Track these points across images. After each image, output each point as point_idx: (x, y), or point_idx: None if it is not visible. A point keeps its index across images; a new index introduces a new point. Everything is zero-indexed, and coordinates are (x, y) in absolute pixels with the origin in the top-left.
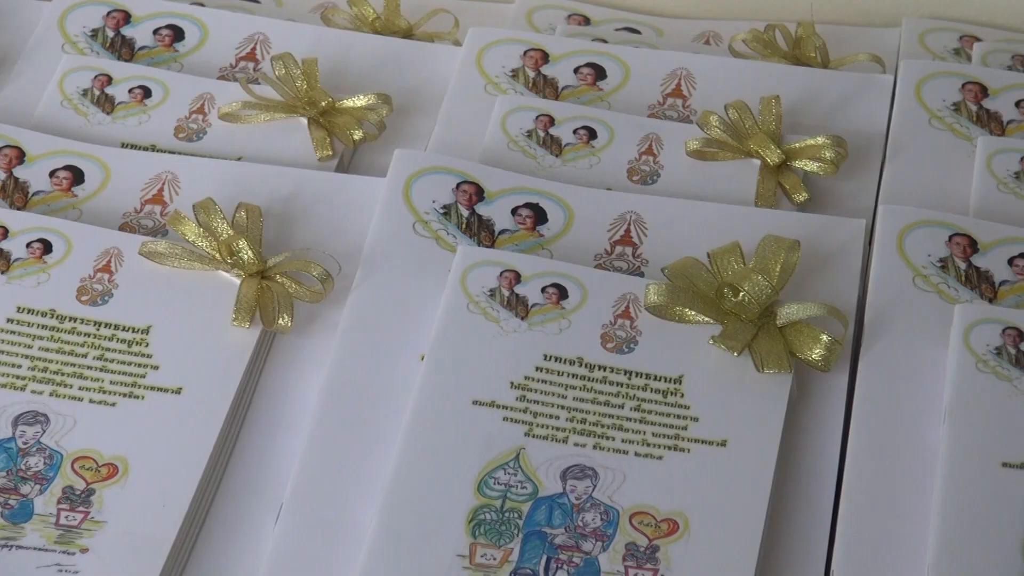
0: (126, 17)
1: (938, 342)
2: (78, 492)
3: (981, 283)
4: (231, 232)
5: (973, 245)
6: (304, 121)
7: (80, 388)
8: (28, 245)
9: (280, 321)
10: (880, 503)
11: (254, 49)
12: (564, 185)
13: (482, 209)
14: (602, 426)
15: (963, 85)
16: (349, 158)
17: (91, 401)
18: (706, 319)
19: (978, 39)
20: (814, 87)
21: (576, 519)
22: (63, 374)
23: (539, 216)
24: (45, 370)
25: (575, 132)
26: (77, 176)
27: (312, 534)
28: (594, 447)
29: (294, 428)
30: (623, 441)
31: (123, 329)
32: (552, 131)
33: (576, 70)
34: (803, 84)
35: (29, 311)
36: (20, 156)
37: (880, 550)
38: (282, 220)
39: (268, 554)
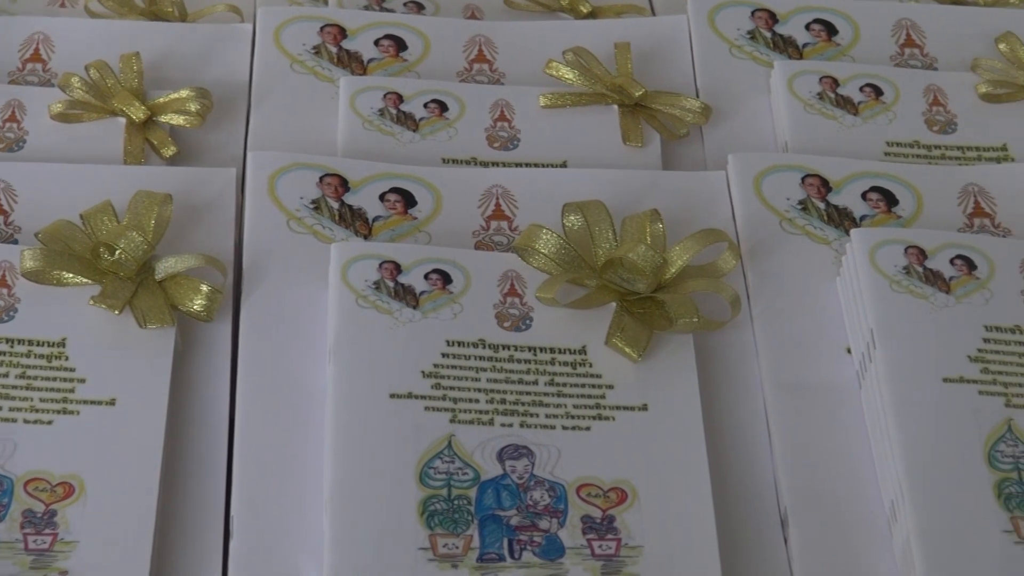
0: None
1: (318, 282)
2: None
3: (356, 221)
4: None
5: (344, 185)
6: None
7: None
8: None
9: None
10: (273, 446)
11: None
12: None
13: None
14: None
15: (322, 28)
16: None
17: None
18: (85, 280)
19: None
20: (174, 42)
21: None
22: None
23: None
24: None
25: None
26: None
27: None
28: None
29: None
30: (11, 410)
31: None
32: None
33: None
34: (163, 39)
35: None
36: None
37: (277, 492)
38: None
39: None
